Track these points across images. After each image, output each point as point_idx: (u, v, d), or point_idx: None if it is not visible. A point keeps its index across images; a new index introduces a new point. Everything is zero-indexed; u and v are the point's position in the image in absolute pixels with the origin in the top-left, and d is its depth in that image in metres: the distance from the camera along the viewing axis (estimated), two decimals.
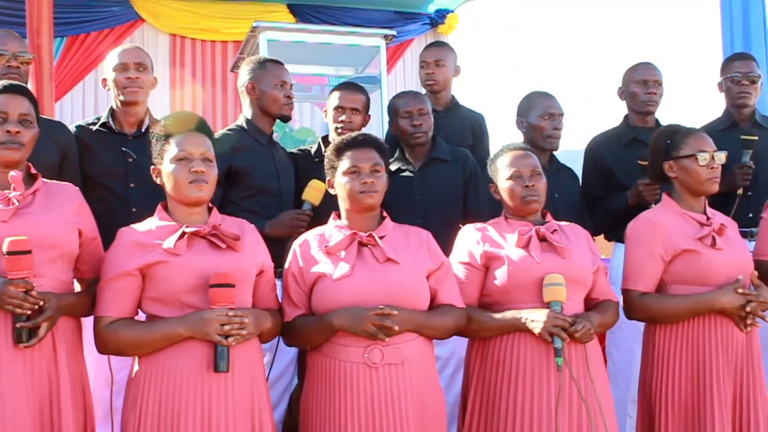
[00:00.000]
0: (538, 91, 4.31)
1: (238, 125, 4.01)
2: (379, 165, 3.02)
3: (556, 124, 4.16)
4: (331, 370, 2.86)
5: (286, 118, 4.06)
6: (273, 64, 4.01)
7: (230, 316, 2.66)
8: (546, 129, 4.14)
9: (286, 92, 3.95)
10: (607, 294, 3.26)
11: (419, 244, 3.05)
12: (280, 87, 3.94)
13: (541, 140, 4.12)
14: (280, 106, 3.95)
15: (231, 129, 4.00)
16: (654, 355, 3.31)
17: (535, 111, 4.17)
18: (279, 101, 3.93)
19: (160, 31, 8.06)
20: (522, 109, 4.26)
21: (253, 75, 3.96)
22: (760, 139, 4.26)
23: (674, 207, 3.36)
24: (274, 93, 3.93)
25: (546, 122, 4.14)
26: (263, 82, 3.94)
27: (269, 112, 3.96)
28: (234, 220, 2.99)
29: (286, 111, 3.99)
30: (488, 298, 3.15)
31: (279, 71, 3.97)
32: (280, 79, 3.94)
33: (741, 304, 3.18)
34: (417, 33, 8.57)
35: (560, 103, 4.24)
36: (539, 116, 4.15)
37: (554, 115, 4.16)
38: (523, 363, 3.02)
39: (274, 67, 3.98)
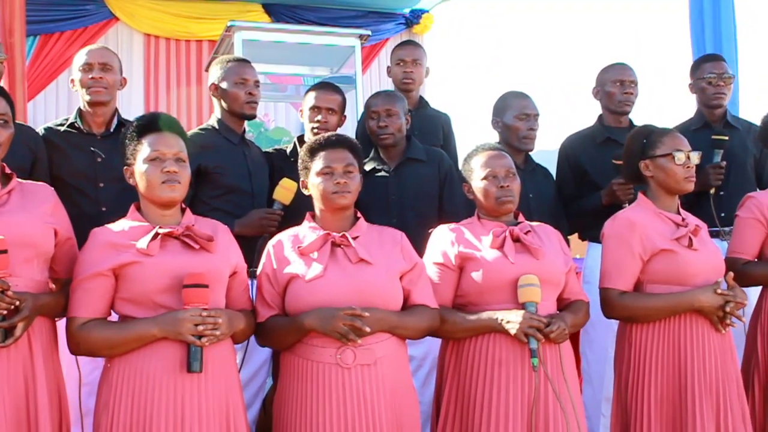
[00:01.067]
0: (513, 91, 4.32)
1: (209, 125, 4.00)
2: (353, 165, 3.01)
3: (532, 125, 4.17)
4: (303, 371, 2.85)
5: (249, 117, 4.01)
6: (236, 62, 3.99)
7: (204, 316, 2.64)
8: (521, 129, 4.15)
9: (247, 90, 3.92)
10: (578, 294, 3.27)
11: (393, 244, 3.05)
12: (241, 85, 3.91)
13: (516, 141, 4.13)
14: (241, 105, 3.92)
15: (202, 128, 3.99)
16: (630, 354, 3.31)
17: (510, 111, 4.18)
18: (239, 99, 3.91)
19: (135, 31, 8.01)
20: (497, 109, 4.26)
21: (216, 75, 3.96)
22: (730, 140, 4.30)
23: (650, 206, 3.37)
24: (235, 91, 3.91)
25: (521, 123, 4.15)
26: (225, 81, 3.93)
27: (233, 111, 3.95)
28: (207, 221, 2.97)
29: (248, 110, 3.95)
30: (463, 298, 3.15)
31: (240, 69, 3.95)
32: (241, 77, 3.92)
33: (720, 305, 3.20)
34: (392, 33, 8.57)
35: (536, 104, 4.25)
36: (515, 116, 4.16)
37: (530, 115, 4.17)
38: (498, 363, 3.02)
39: (237, 66, 3.96)
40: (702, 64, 4.58)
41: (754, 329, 3.67)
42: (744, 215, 3.69)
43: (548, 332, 2.96)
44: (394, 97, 4.29)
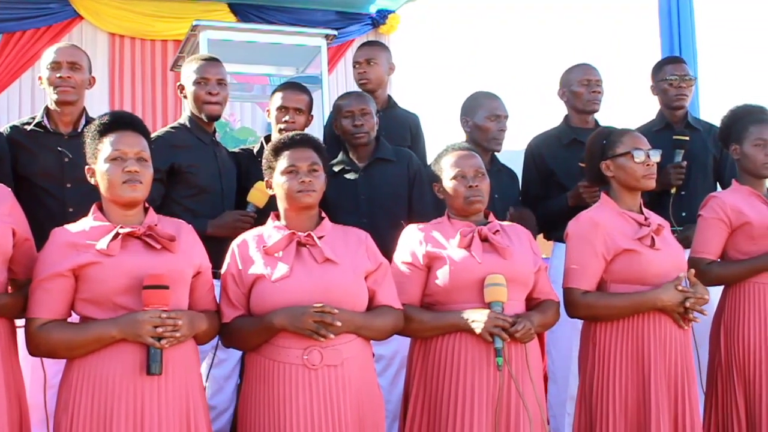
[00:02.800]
0: (484, 91, 4.31)
1: (181, 123, 3.96)
2: (317, 164, 2.99)
3: (501, 126, 4.18)
4: (269, 372, 2.81)
5: (211, 117, 3.94)
6: (200, 62, 3.94)
7: (163, 318, 2.60)
8: (491, 130, 4.15)
9: (207, 89, 3.86)
10: (548, 294, 3.27)
11: (358, 244, 3.02)
12: (201, 84, 3.86)
13: (485, 141, 4.12)
14: (200, 105, 3.87)
15: (174, 127, 3.95)
16: (594, 353, 3.31)
17: (481, 111, 4.17)
18: (199, 99, 3.87)
19: (99, 30, 7.92)
20: (467, 109, 4.25)
21: (182, 75, 3.93)
22: (691, 140, 4.34)
23: (613, 206, 3.38)
24: (193, 90, 3.87)
25: (492, 123, 4.15)
26: (187, 80, 3.89)
27: (196, 112, 3.90)
28: (171, 220, 2.93)
29: (207, 109, 3.88)
30: (430, 298, 3.14)
31: (201, 68, 3.89)
32: (201, 76, 3.87)
33: (680, 301, 3.21)
34: (359, 33, 8.55)
35: (505, 105, 4.25)
36: (485, 117, 4.15)
37: (500, 116, 4.18)
38: (464, 362, 3.02)
39: (198, 64, 3.91)
40: (663, 66, 4.62)
41: (717, 329, 3.69)
42: (707, 215, 3.70)
43: (513, 332, 2.96)
44: (366, 97, 4.28)
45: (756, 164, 3.70)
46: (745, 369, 3.55)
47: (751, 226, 3.61)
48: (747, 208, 3.64)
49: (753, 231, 3.61)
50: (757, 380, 3.51)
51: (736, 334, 3.59)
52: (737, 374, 3.57)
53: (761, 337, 3.54)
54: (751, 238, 3.62)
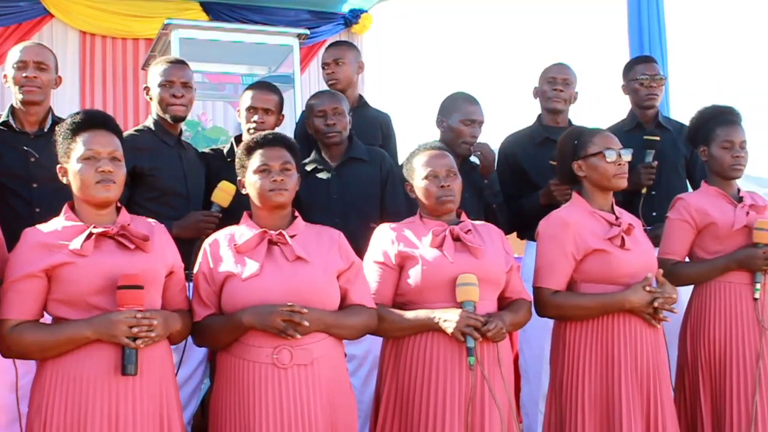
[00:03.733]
0: (463, 94, 4.30)
1: (145, 126, 3.93)
2: (290, 163, 2.99)
3: (475, 132, 4.18)
4: (240, 371, 2.81)
5: (176, 119, 3.91)
6: (165, 64, 3.90)
7: (138, 318, 2.59)
8: (465, 134, 4.15)
9: (172, 92, 3.83)
10: (520, 293, 3.28)
11: (330, 243, 3.03)
12: (166, 87, 3.83)
13: (456, 145, 4.11)
14: (165, 107, 3.84)
15: (137, 130, 3.92)
16: (564, 353, 3.34)
17: (457, 114, 4.17)
18: (164, 101, 3.83)
19: (70, 28, 7.85)
20: (444, 110, 4.25)
21: (148, 77, 3.90)
22: (662, 140, 4.36)
23: (584, 206, 3.40)
24: (158, 93, 3.84)
25: (466, 128, 4.15)
26: (153, 82, 3.86)
27: (161, 114, 3.88)
28: (144, 220, 2.92)
29: (172, 111, 3.84)
30: (402, 297, 3.15)
31: (165, 70, 3.86)
32: (166, 79, 3.83)
33: (648, 301, 3.24)
34: (331, 33, 8.54)
35: (482, 110, 4.25)
36: (460, 121, 4.15)
37: (475, 122, 4.18)
38: (436, 362, 3.03)
39: (164, 67, 3.88)
40: (634, 65, 4.64)
41: (684, 328, 3.73)
42: (673, 217, 3.74)
43: (485, 331, 2.97)
44: (339, 96, 4.27)
45: (723, 166, 3.73)
46: (711, 368, 3.59)
47: (716, 226, 3.65)
48: (713, 209, 3.68)
49: (718, 231, 3.65)
50: (724, 379, 3.55)
51: (702, 333, 3.63)
52: (703, 373, 3.61)
53: (727, 335, 3.57)
54: (717, 238, 3.66)
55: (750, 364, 3.54)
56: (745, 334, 3.56)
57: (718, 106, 3.90)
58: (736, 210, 3.66)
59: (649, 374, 3.28)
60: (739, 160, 3.71)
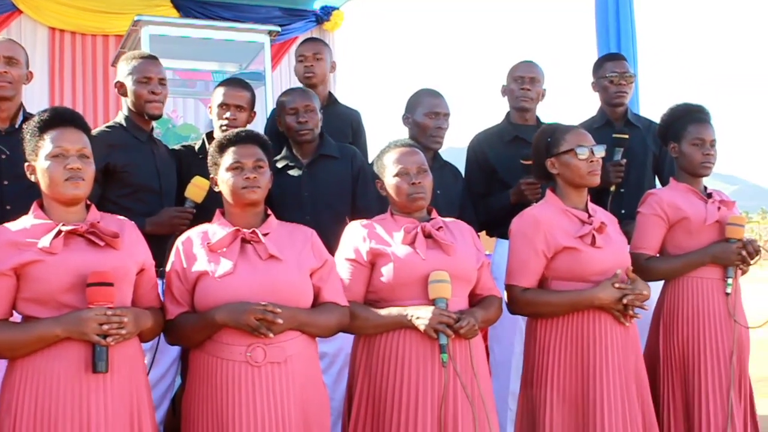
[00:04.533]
0: (427, 89, 4.33)
1: (117, 122, 3.89)
2: (263, 161, 2.98)
3: (441, 124, 4.19)
4: (213, 369, 2.80)
5: (153, 116, 3.90)
6: (140, 60, 3.89)
7: (109, 315, 2.58)
8: (430, 127, 4.17)
9: (150, 88, 3.82)
10: (491, 290, 3.29)
11: (303, 241, 3.02)
12: (144, 83, 3.82)
13: (424, 138, 4.13)
14: (143, 103, 3.82)
15: (109, 126, 3.88)
16: (536, 350, 3.35)
17: (421, 108, 4.19)
18: (142, 98, 3.81)
19: (39, 24, 7.77)
20: (409, 106, 4.27)
21: (122, 72, 3.86)
22: (631, 137, 4.39)
23: (557, 203, 3.41)
24: (137, 89, 3.81)
25: (431, 121, 4.17)
26: (129, 78, 3.83)
27: (137, 109, 3.85)
28: (114, 218, 2.89)
29: (150, 108, 3.83)
30: (374, 294, 3.14)
31: (144, 67, 3.84)
32: (143, 75, 3.81)
33: (617, 298, 3.26)
34: (302, 30, 8.51)
35: (447, 103, 4.27)
36: (425, 114, 4.17)
37: (439, 114, 4.19)
38: (409, 359, 3.03)
39: (140, 63, 3.85)
40: (604, 63, 4.66)
41: (656, 324, 3.75)
42: (645, 211, 3.77)
43: (458, 328, 2.98)
44: (310, 93, 4.27)
45: (693, 163, 3.76)
46: (684, 363, 3.62)
47: (688, 221, 3.68)
48: (684, 205, 3.71)
49: (690, 226, 3.68)
50: (697, 375, 3.58)
51: (674, 329, 3.66)
52: (675, 368, 3.64)
53: (698, 330, 3.60)
54: (689, 233, 3.69)
55: (723, 359, 3.57)
56: (717, 330, 3.60)
57: (690, 104, 3.94)
58: (707, 205, 3.70)
59: (622, 371, 3.28)
60: (709, 158, 3.75)
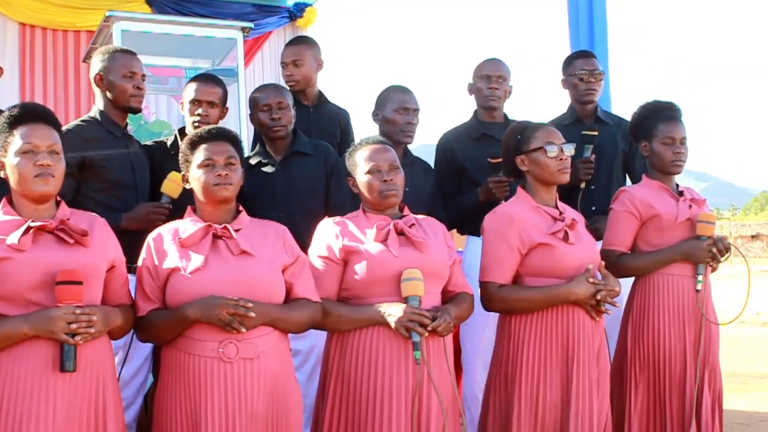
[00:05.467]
0: (395, 85, 4.35)
1: (91, 116, 3.87)
2: (234, 158, 2.97)
3: (410, 119, 4.21)
4: (185, 365, 2.79)
5: (135, 111, 3.93)
6: (123, 54, 3.89)
7: (77, 314, 2.56)
8: (399, 123, 4.19)
9: (135, 83, 3.83)
10: (462, 286, 3.31)
11: (275, 238, 3.02)
12: (129, 78, 3.82)
13: (394, 134, 4.14)
14: (128, 98, 3.83)
15: (84, 120, 3.86)
16: (509, 345, 3.36)
17: (390, 104, 4.21)
18: (127, 92, 3.82)
19: (9, 19, 7.67)
20: (379, 103, 4.28)
21: (103, 66, 3.83)
22: (600, 134, 4.41)
23: (529, 200, 3.43)
24: (122, 84, 3.81)
25: (400, 116, 4.19)
26: (111, 72, 3.81)
27: (118, 104, 3.84)
28: (84, 214, 2.87)
29: (134, 103, 3.85)
30: (347, 292, 3.14)
31: (128, 61, 3.85)
32: (129, 70, 3.82)
33: (592, 293, 3.28)
34: (275, 26, 8.49)
35: (416, 99, 4.28)
36: (394, 110, 4.19)
37: (409, 109, 4.21)
38: (383, 355, 3.03)
39: (124, 57, 3.85)
40: (574, 60, 4.67)
41: (625, 321, 3.78)
42: (618, 208, 3.79)
43: (435, 326, 2.99)
44: (284, 90, 4.27)
45: (664, 162, 3.78)
46: (653, 359, 3.65)
47: (660, 219, 3.70)
48: (656, 202, 3.73)
49: (662, 224, 3.70)
50: (664, 370, 3.62)
51: (644, 325, 3.69)
52: (642, 364, 3.67)
53: (669, 327, 3.63)
54: (660, 230, 3.72)
55: (692, 355, 3.61)
56: (686, 326, 3.63)
57: (660, 102, 3.95)
58: (678, 203, 3.73)
59: (594, 365, 3.32)
60: (680, 156, 3.77)
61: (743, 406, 6.45)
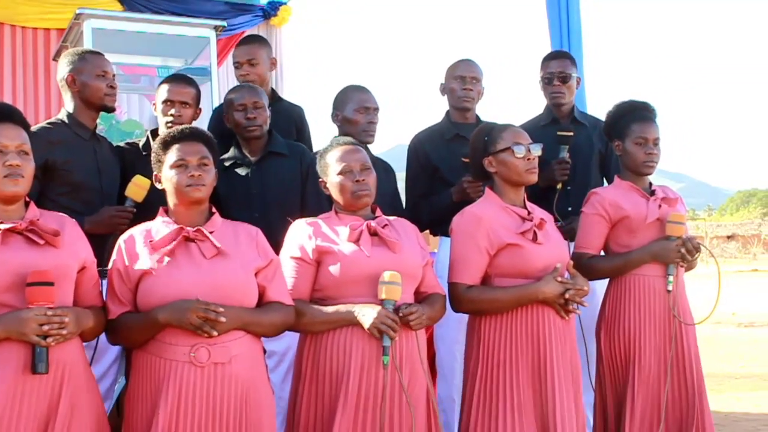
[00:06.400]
0: (353, 85, 4.37)
1: (58, 119, 3.86)
2: (207, 158, 2.97)
3: (371, 118, 4.22)
4: (155, 369, 2.79)
5: (110, 110, 3.94)
6: (93, 54, 3.91)
7: (49, 315, 2.56)
8: (360, 123, 4.19)
9: (108, 82, 3.84)
10: (435, 287, 3.33)
11: (248, 240, 3.02)
12: (102, 77, 3.83)
13: (356, 134, 4.11)
14: (102, 97, 3.83)
15: (50, 123, 3.85)
16: (479, 347, 3.38)
17: (350, 104, 4.21)
18: (101, 91, 3.82)
19: None
20: (337, 103, 4.28)
21: (73, 67, 3.83)
22: (576, 135, 4.42)
23: (497, 201, 3.45)
24: (96, 84, 3.81)
25: (361, 116, 4.19)
26: (84, 73, 3.81)
27: (92, 104, 3.84)
28: (54, 215, 2.87)
29: (109, 102, 3.87)
30: (320, 293, 3.16)
31: (100, 61, 3.86)
32: (102, 69, 3.83)
33: (560, 292, 3.31)
34: (249, 25, 8.45)
35: (375, 98, 4.30)
36: (354, 110, 4.19)
37: (369, 109, 4.22)
38: (356, 356, 3.04)
39: (95, 58, 3.87)
40: (547, 61, 4.67)
41: (599, 323, 3.81)
42: (588, 211, 3.82)
43: (408, 314, 3.02)
44: (259, 90, 4.28)
45: (636, 162, 3.81)
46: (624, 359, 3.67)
47: (629, 219, 3.73)
48: (626, 203, 3.76)
49: (631, 225, 3.73)
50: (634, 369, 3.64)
51: (616, 326, 3.71)
52: (615, 365, 3.69)
53: (640, 327, 3.66)
54: (630, 231, 3.74)
55: (664, 356, 3.64)
56: (657, 325, 3.65)
57: (635, 102, 3.97)
58: (648, 203, 3.75)
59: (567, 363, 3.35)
60: (652, 157, 3.79)
61: (719, 407, 6.52)
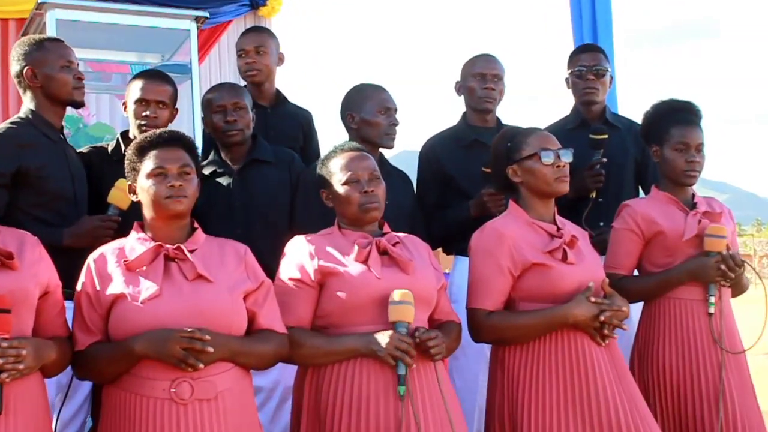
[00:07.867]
0: (369, 83, 4.31)
1: (22, 117, 3.78)
2: (189, 166, 2.93)
3: (393, 120, 4.16)
4: (130, 407, 2.73)
5: (79, 104, 3.88)
6: (52, 43, 3.83)
7: (4, 347, 2.52)
8: (382, 125, 4.12)
9: (74, 73, 3.78)
10: (449, 314, 3.28)
11: (236, 260, 2.98)
12: (68, 69, 3.76)
13: (377, 138, 4.09)
14: (70, 92, 3.77)
15: (15, 122, 3.77)
16: (504, 381, 3.30)
17: (370, 105, 4.13)
18: (68, 85, 3.75)
19: None
20: (352, 104, 4.20)
21: (31, 59, 3.75)
22: (610, 139, 4.36)
23: (522, 216, 3.39)
24: (62, 76, 3.74)
25: (382, 117, 4.12)
26: (46, 65, 3.73)
27: (58, 99, 3.78)
28: (13, 232, 2.83)
29: (78, 96, 3.81)
30: (323, 320, 3.10)
31: (62, 50, 3.79)
32: (66, 59, 3.76)
33: (594, 314, 3.21)
34: (234, 15, 8.45)
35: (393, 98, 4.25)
36: (376, 111, 4.11)
37: (390, 109, 4.16)
38: (367, 391, 2.98)
39: (56, 47, 3.79)
40: (577, 55, 4.62)
41: (632, 354, 3.75)
42: (618, 226, 3.77)
43: (426, 339, 2.96)
44: (240, 89, 4.23)
45: (676, 170, 3.75)
46: (667, 396, 3.59)
47: (664, 236, 3.67)
48: (661, 217, 3.70)
49: (667, 242, 3.67)
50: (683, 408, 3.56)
51: (652, 358, 3.65)
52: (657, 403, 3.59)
53: (680, 359, 3.58)
54: (666, 249, 3.68)
55: (709, 389, 3.53)
56: (700, 357, 3.57)
57: (675, 102, 3.91)
58: (687, 218, 3.68)
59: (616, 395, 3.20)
60: (694, 165, 3.72)
61: None
